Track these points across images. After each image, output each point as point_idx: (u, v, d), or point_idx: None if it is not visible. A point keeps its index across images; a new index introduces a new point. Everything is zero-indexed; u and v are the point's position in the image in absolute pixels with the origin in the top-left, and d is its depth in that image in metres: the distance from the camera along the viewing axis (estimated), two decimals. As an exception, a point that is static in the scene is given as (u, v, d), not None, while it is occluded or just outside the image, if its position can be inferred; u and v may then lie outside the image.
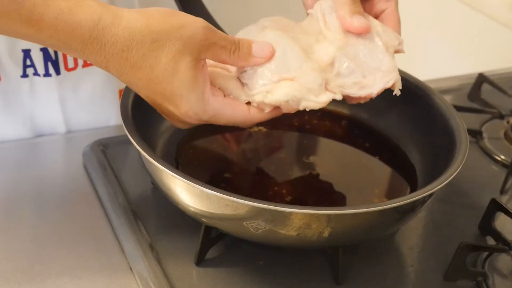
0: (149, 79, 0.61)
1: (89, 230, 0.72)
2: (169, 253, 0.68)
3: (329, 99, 0.66)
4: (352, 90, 0.67)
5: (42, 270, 0.67)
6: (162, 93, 0.62)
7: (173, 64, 0.60)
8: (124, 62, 0.60)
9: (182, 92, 0.62)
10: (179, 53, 0.60)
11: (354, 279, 0.67)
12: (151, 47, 0.59)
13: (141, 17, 0.60)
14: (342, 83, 0.67)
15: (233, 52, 0.63)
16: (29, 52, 0.81)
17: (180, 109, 0.63)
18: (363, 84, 0.67)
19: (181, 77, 0.61)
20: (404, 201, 0.62)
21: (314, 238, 0.62)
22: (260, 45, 0.65)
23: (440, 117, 0.74)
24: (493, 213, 0.74)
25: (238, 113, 0.65)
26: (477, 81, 1.04)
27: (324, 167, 0.78)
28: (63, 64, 0.83)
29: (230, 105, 0.65)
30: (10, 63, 0.81)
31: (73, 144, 0.86)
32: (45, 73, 0.83)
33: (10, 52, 0.80)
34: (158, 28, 0.59)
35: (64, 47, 0.59)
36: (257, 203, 0.59)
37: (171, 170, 0.61)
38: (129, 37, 0.59)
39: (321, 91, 0.66)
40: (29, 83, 0.83)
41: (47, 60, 0.82)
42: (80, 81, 0.86)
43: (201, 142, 0.79)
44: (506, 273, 0.70)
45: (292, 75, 0.65)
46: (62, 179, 0.80)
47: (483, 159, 0.90)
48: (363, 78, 0.67)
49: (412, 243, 0.75)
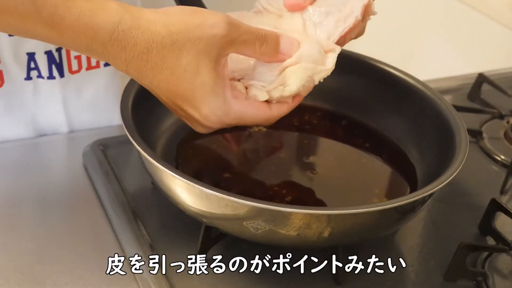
0: (170, 80, 0.60)
1: (89, 230, 0.72)
2: (169, 253, 0.68)
3: (334, 59, 0.66)
4: (339, 29, 0.67)
5: (42, 270, 0.67)
6: (182, 96, 0.61)
7: (194, 65, 0.59)
8: (145, 64, 0.59)
9: (204, 95, 0.61)
10: (200, 54, 0.59)
11: (354, 279, 0.67)
12: (171, 48, 0.59)
13: (160, 18, 0.59)
14: (329, 33, 0.67)
15: (259, 47, 0.62)
16: (33, 55, 0.81)
17: (202, 113, 0.62)
18: (343, 16, 0.67)
19: (203, 79, 0.60)
20: (404, 201, 0.62)
21: (314, 238, 0.62)
22: (288, 40, 0.64)
23: (440, 117, 0.74)
24: (493, 213, 0.74)
25: (261, 113, 0.65)
26: (477, 81, 1.04)
27: (324, 167, 0.78)
28: (67, 67, 0.83)
29: (252, 106, 0.64)
30: (14, 66, 0.81)
31: (73, 144, 0.86)
32: (49, 75, 0.83)
33: (15, 55, 0.80)
34: (177, 29, 0.59)
35: (85, 49, 0.59)
36: (257, 203, 0.59)
37: (171, 170, 0.61)
38: (149, 39, 0.58)
39: (324, 56, 0.65)
40: (33, 85, 0.83)
41: (51, 63, 0.82)
42: (83, 84, 0.85)
43: (201, 142, 0.79)
44: (506, 273, 0.70)
45: (291, 59, 0.64)
46: (62, 179, 0.80)
47: (483, 159, 0.90)
48: (340, 12, 0.67)
49: (412, 243, 0.75)
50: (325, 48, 0.66)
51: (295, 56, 0.64)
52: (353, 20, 0.67)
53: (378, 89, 0.82)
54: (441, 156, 0.71)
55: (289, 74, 0.64)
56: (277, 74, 0.64)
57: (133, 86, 0.72)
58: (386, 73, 0.81)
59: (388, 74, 0.81)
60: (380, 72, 0.82)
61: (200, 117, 0.63)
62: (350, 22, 0.67)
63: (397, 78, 0.81)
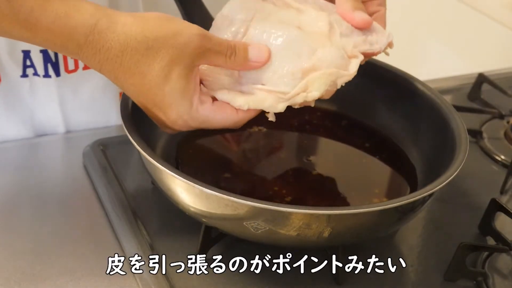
0: (141, 85, 0.61)
1: (89, 230, 0.72)
2: (169, 253, 0.68)
3: (357, 65, 0.66)
4: (365, 47, 0.67)
5: (42, 270, 0.67)
6: (152, 100, 0.62)
7: (166, 72, 0.60)
8: (118, 67, 0.60)
9: (172, 101, 0.62)
10: (173, 62, 0.60)
11: (354, 279, 0.67)
12: (145, 53, 0.59)
13: (136, 23, 0.59)
14: (355, 43, 0.67)
15: (229, 57, 0.63)
16: (29, 53, 0.81)
17: (169, 117, 0.63)
18: (369, 40, 0.68)
19: (172, 86, 0.61)
20: (404, 201, 0.62)
21: (314, 238, 0.62)
22: (256, 48, 0.64)
23: (440, 117, 0.74)
24: (493, 213, 0.74)
25: (228, 117, 0.65)
26: (477, 81, 1.04)
27: (324, 167, 0.78)
28: (63, 66, 0.83)
29: (218, 111, 0.65)
30: (10, 63, 0.81)
31: (73, 144, 0.86)
32: (45, 74, 0.83)
33: (10, 52, 0.80)
34: (152, 35, 0.59)
35: (60, 50, 0.60)
36: (257, 203, 0.59)
37: (171, 170, 0.61)
38: (124, 43, 0.59)
39: (347, 61, 0.66)
40: (29, 82, 0.83)
41: (47, 62, 0.82)
42: (80, 83, 0.85)
43: (201, 142, 0.79)
44: (506, 273, 0.70)
45: (313, 62, 0.64)
46: (62, 179, 0.80)
47: (483, 159, 0.90)
48: (365, 36, 0.68)
49: (412, 243, 0.75)
50: (349, 53, 0.67)
51: (316, 59, 0.64)
52: (377, 49, 0.68)
53: (378, 89, 0.82)
54: (441, 156, 0.71)
55: (312, 80, 0.64)
56: (301, 76, 0.64)
57: (133, 86, 0.72)
58: (386, 73, 0.81)
59: (388, 74, 0.81)
60: (380, 72, 0.82)
61: (168, 120, 0.64)
62: (374, 49, 0.68)
63: (397, 78, 0.81)
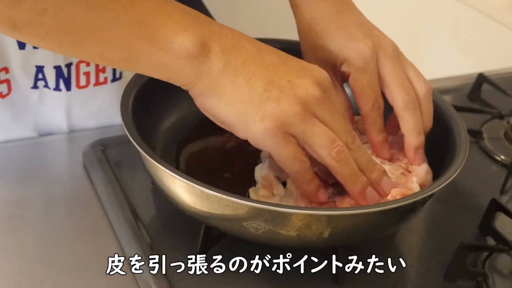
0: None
1: (89, 230, 0.72)
2: (169, 253, 0.68)
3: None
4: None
5: (42, 270, 0.67)
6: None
7: None
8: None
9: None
10: None
11: (354, 279, 0.67)
12: None
13: None
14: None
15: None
16: (42, 68, 0.81)
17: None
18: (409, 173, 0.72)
19: None
20: (404, 201, 0.62)
21: (314, 238, 0.62)
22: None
23: (440, 117, 0.74)
24: (493, 213, 0.74)
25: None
26: (477, 81, 1.04)
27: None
28: (75, 82, 0.83)
29: None
30: (22, 76, 0.81)
31: (73, 144, 0.86)
32: (56, 87, 0.82)
33: (24, 66, 0.80)
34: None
35: None
36: (257, 203, 0.59)
37: (171, 170, 0.61)
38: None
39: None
40: (38, 93, 0.83)
41: (59, 77, 0.82)
42: (89, 97, 0.85)
43: (201, 142, 0.79)
44: (506, 273, 0.70)
45: None
46: (62, 179, 0.80)
47: (483, 159, 0.90)
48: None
49: (412, 243, 0.75)
50: None
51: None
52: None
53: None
54: (441, 156, 0.71)
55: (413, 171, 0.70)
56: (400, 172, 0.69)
57: (133, 86, 0.72)
58: (386, 73, 0.81)
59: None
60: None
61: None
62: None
63: (397, 78, 0.80)
